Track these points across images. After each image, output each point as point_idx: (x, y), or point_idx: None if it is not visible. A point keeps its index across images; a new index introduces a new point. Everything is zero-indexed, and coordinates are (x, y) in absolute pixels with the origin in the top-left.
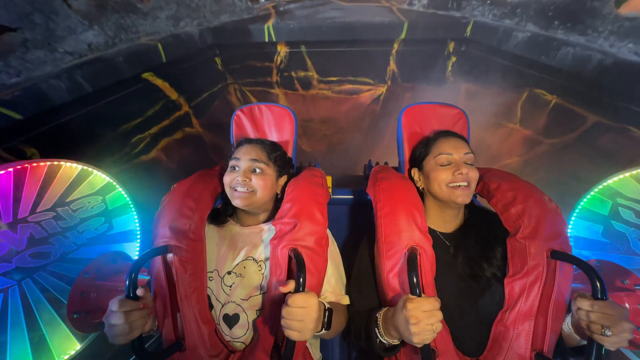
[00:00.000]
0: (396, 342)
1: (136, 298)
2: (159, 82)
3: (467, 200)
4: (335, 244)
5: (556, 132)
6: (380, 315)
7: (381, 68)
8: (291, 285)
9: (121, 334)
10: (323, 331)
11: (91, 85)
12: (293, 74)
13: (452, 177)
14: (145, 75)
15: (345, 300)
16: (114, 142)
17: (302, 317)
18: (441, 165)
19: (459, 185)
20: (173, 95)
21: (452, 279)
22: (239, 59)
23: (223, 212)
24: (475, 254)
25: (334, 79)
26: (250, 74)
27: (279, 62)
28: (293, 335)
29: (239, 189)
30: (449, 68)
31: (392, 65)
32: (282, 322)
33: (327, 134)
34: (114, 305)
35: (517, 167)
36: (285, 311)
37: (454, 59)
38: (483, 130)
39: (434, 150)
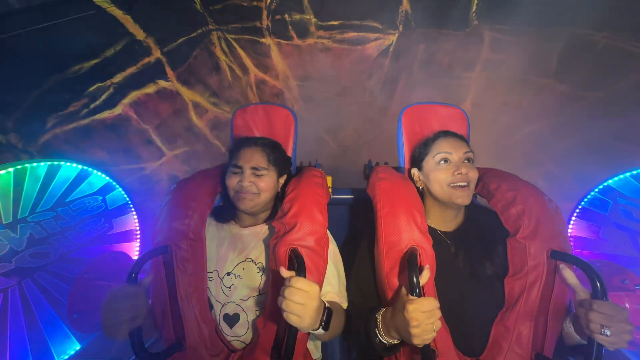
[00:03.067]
0: (396, 341)
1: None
2: (118, 13)
3: (467, 201)
4: (335, 245)
5: (602, 83)
6: (379, 315)
7: (392, 8)
8: (290, 272)
9: (122, 320)
10: (321, 330)
11: None
12: (287, 17)
13: (452, 177)
14: (99, 1)
15: (345, 304)
16: (64, 88)
17: (303, 299)
18: (440, 165)
19: (459, 186)
20: (139, 34)
21: (453, 278)
22: None
23: (227, 210)
24: (477, 252)
25: (335, 23)
26: (235, 18)
27: (269, 0)
28: (292, 319)
29: (243, 193)
30: (474, 7)
31: (405, 4)
32: (283, 304)
33: (327, 97)
34: (113, 292)
35: (547, 132)
36: (287, 291)
37: None
38: (507, 90)
39: (433, 150)
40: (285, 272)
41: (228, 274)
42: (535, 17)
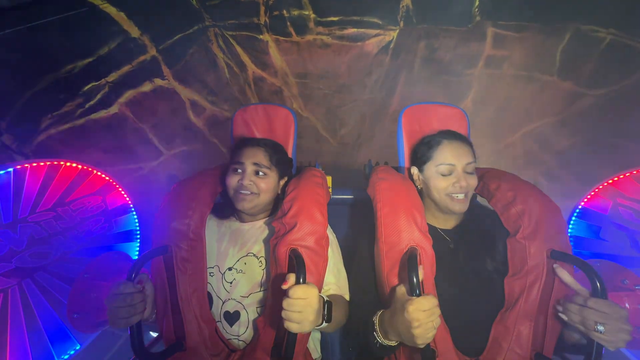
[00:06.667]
0: (393, 343)
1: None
2: (111, 10)
3: (464, 209)
4: (335, 237)
5: (606, 80)
6: (376, 319)
7: (393, 4)
8: (292, 280)
9: (123, 316)
10: (324, 324)
11: None
12: (285, 12)
13: (452, 188)
14: None
15: (347, 296)
16: (58, 88)
17: (302, 308)
18: (442, 175)
19: (457, 197)
20: (133, 31)
21: (453, 277)
22: None
23: (227, 206)
24: (477, 248)
25: (335, 19)
26: (233, 14)
27: None
28: (292, 327)
29: (243, 192)
30: (476, 3)
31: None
32: (283, 314)
33: (326, 94)
34: (116, 288)
35: (549, 130)
36: (285, 303)
37: None
38: (510, 88)
39: (436, 158)
40: (285, 286)
41: (230, 269)
42: (540, 13)
